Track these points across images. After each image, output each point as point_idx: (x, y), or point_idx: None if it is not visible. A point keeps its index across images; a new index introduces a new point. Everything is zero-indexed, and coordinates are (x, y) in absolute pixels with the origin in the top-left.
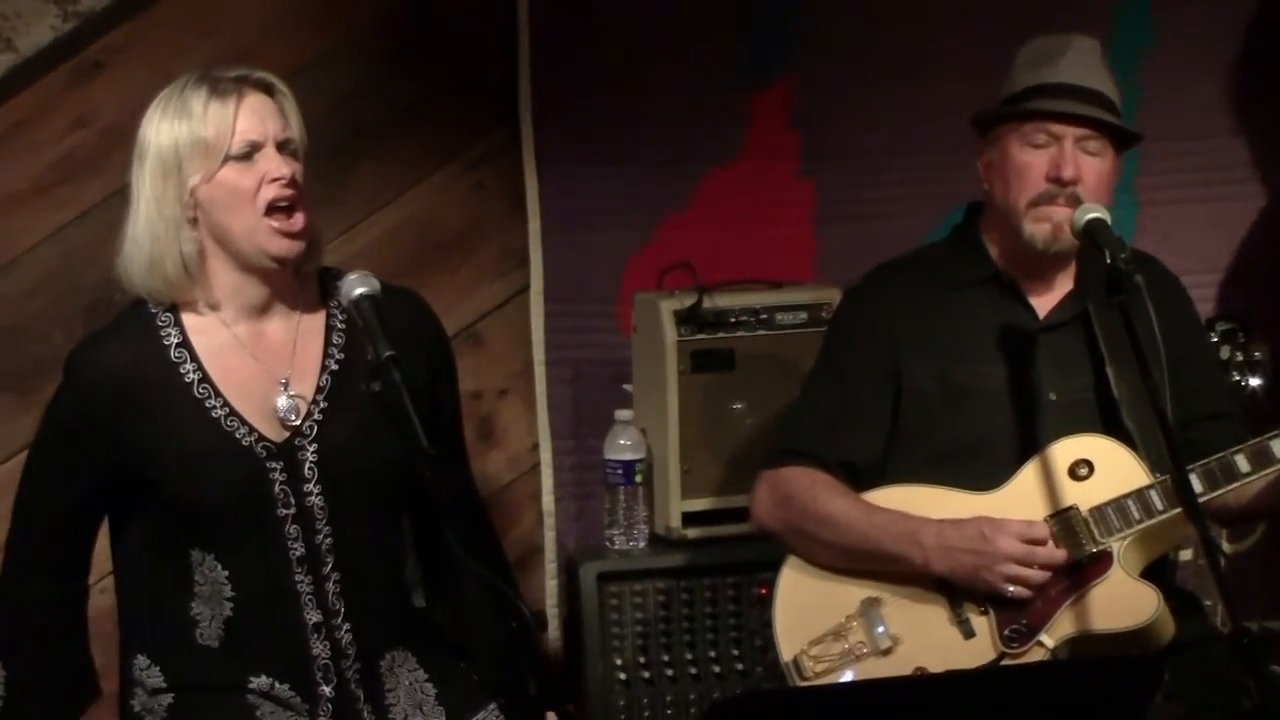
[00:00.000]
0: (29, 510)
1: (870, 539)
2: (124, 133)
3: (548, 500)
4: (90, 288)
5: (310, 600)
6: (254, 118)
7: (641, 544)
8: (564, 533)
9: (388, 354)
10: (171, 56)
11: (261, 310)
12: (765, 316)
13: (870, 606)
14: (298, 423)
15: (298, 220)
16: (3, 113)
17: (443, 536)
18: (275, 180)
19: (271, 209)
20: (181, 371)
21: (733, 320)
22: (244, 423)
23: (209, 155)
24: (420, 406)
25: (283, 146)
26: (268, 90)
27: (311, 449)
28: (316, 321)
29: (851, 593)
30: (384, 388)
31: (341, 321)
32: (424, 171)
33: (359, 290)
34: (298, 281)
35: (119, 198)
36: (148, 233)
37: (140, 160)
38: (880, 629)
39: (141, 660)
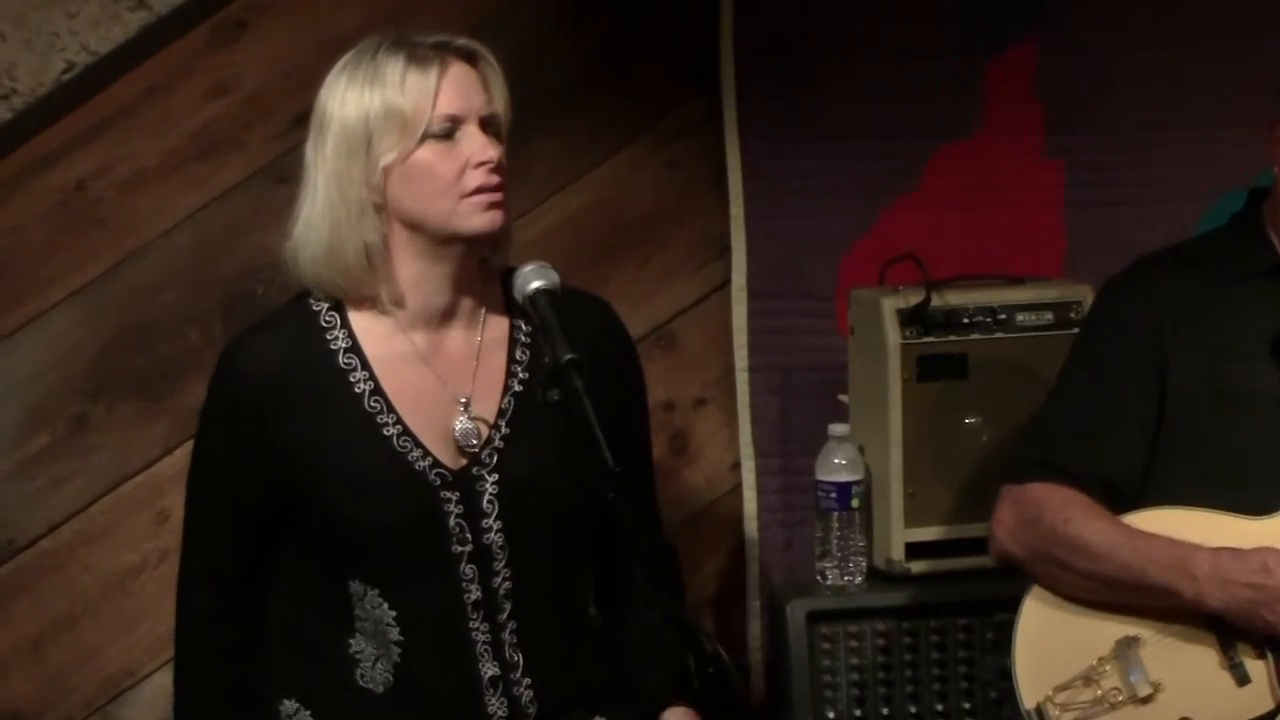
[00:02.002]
0: (203, 524)
1: (1132, 568)
2: (269, 102)
3: (750, 528)
4: (229, 280)
5: (486, 650)
6: (457, 90)
7: (858, 579)
8: (769, 565)
9: (568, 357)
10: (324, 15)
11: (443, 315)
12: (1004, 317)
13: (1127, 647)
14: (477, 449)
15: (500, 194)
16: (134, 78)
17: (626, 572)
18: (481, 165)
19: (477, 191)
20: (352, 380)
21: (966, 321)
22: (418, 444)
23: (405, 132)
24: (606, 429)
25: (486, 124)
26: (472, 60)
27: (491, 479)
28: (499, 331)
29: (1106, 631)
30: (564, 396)
31: (526, 334)
32: (608, 148)
33: (535, 284)
34: (482, 278)
35: (263, 176)
36: (327, 216)
37: (320, 132)
38: (1138, 673)
39: (289, 705)
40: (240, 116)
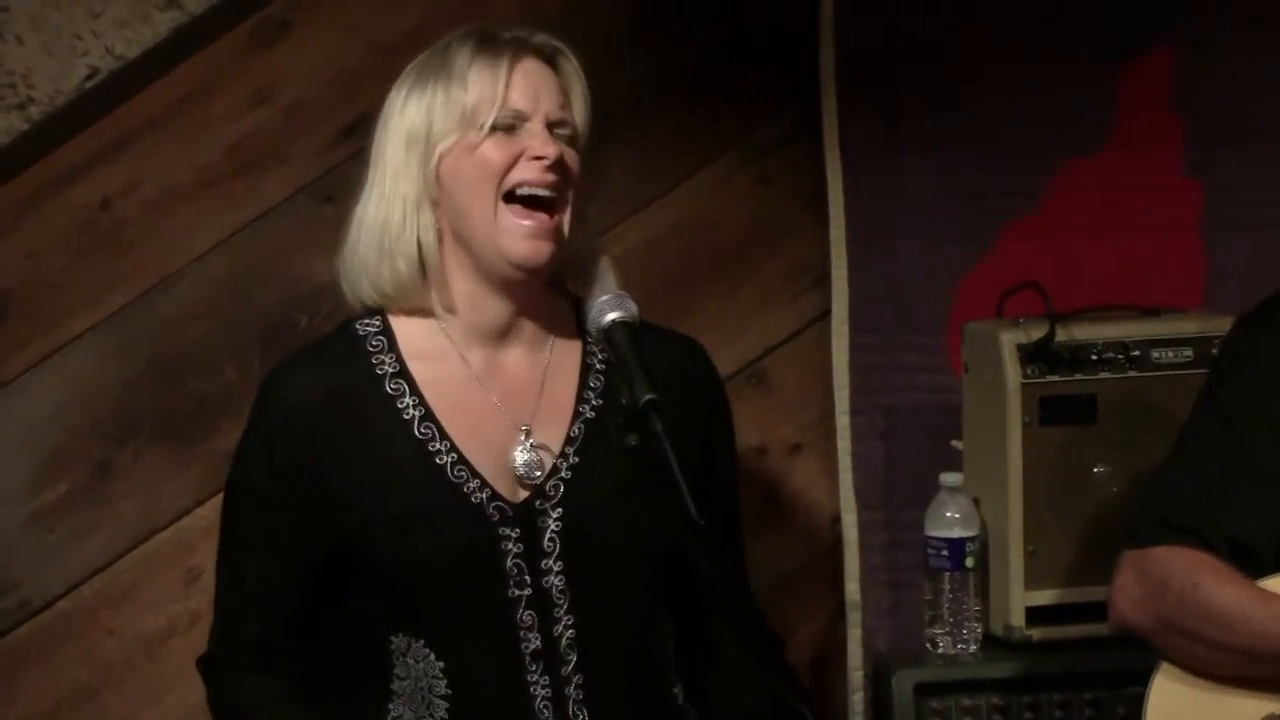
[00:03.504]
0: (238, 571)
1: (1270, 636)
2: (314, 111)
3: (852, 589)
4: (268, 309)
5: (546, 708)
6: (526, 86)
7: (972, 647)
8: (872, 631)
9: (647, 397)
10: (377, 14)
11: (502, 334)
12: (1137, 353)
13: None
14: (540, 481)
15: (548, 221)
16: (166, 85)
17: (710, 635)
18: (536, 159)
19: (520, 198)
20: (400, 405)
21: (1095, 357)
22: (475, 475)
23: (465, 122)
24: (690, 477)
25: (555, 127)
26: (551, 60)
27: (554, 515)
28: (570, 356)
29: (1245, 709)
30: (642, 441)
31: (601, 360)
32: (693, 164)
33: (611, 315)
34: (548, 300)
35: (308, 195)
36: (380, 215)
37: (383, 127)
38: None
39: None
40: (283, 128)
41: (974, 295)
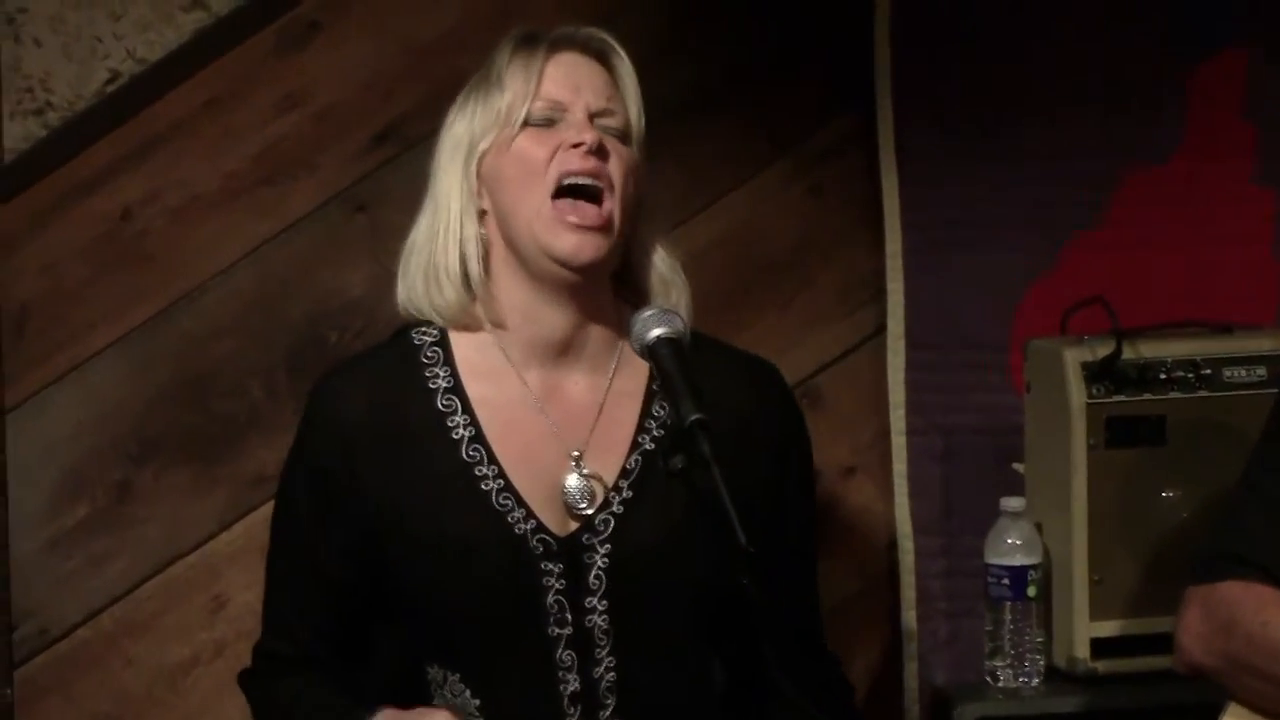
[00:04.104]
0: (282, 590)
1: None
2: (346, 117)
3: (908, 618)
4: (297, 325)
5: None
6: (564, 78)
7: (1035, 680)
8: (930, 663)
9: (694, 417)
10: (413, 14)
11: (561, 351)
12: (1209, 372)
13: None
14: (589, 512)
15: (595, 212)
16: (190, 89)
17: (768, 677)
18: (575, 147)
19: (564, 190)
20: (450, 424)
21: (1164, 376)
22: (521, 504)
23: (502, 119)
24: (757, 509)
25: (599, 117)
26: (600, 55)
27: (603, 550)
28: (635, 380)
29: None
30: (689, 464)
31: None
32: (742, 172)
33: (656, 331)
34: (616, 314)
35: (338, 204)
36: (429, 227)
37: (437, 145)
38: None
39: None
40: (312, 134)
41: (1036, 311)
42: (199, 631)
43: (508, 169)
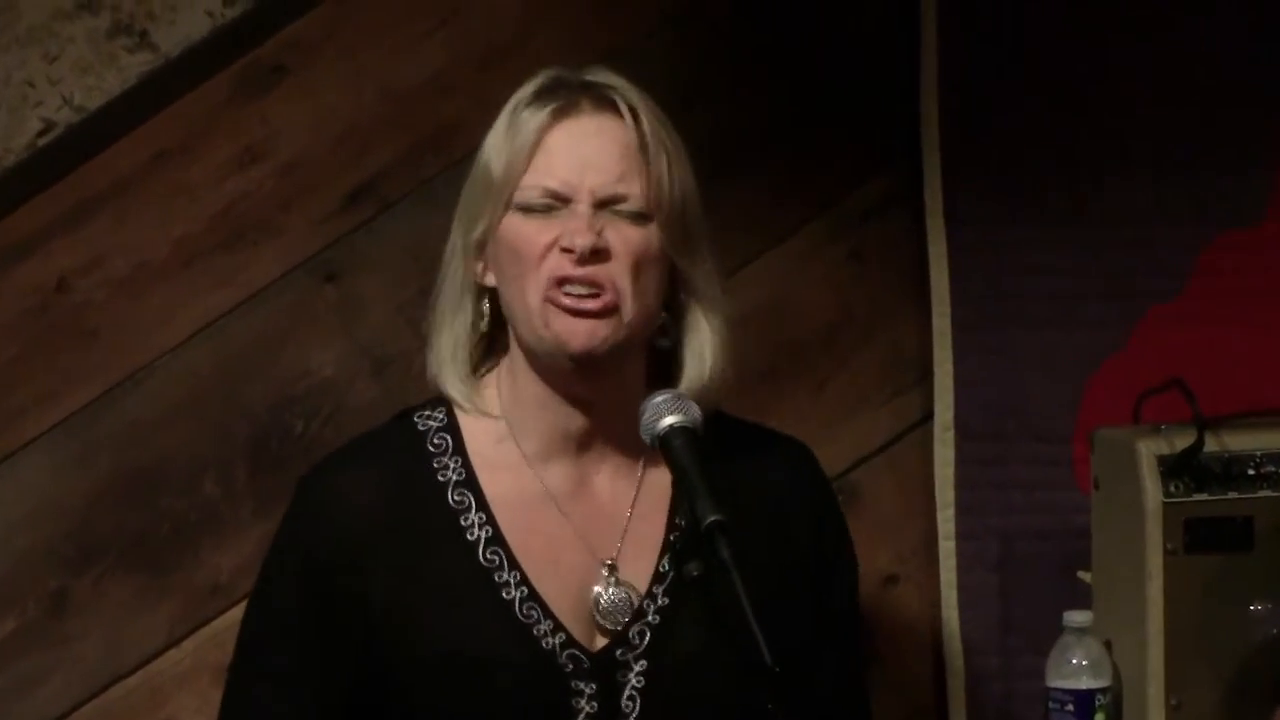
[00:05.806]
0: (254, 711)
1: None
2: (315, 173)
3: None
4: (258, 412)
5: None
6: (568, 153)
7: None
8: None
9: (711, 519)
10: (390, 57)
11: (581, 446)
12: None
13: None
14: (623, 627)
15: (594, 301)
16: (135, 141)
17: None
18: (565, 252)
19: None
20: (464, 523)
21: (1251, 472)
22: (548, 615)
23: (491, 194)
24: (795, 613)
25: (608, 204)
26: (615, 110)
27: (637, 668)
28: (666, 475)
29: None
30: (706, 570)
31: None
32: (771, 237)
33: (668, 420)
34: (641, 401)
35: (306, 273)
36: (436, 306)
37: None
38: None
39: None
40: (276, 193)
41: (1105, 395)
42: None
43: (502, 253)
